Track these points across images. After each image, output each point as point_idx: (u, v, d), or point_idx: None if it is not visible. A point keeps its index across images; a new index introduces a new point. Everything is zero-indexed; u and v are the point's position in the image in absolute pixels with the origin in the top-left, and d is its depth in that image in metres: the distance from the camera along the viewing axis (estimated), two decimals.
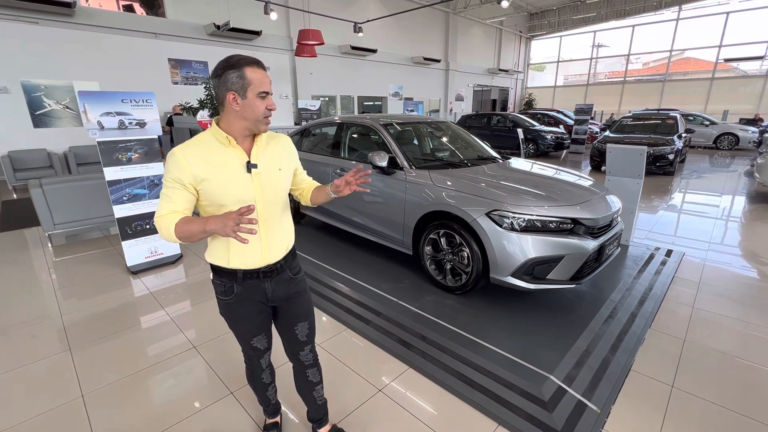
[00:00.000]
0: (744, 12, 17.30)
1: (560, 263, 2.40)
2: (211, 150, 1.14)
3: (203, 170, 1.11)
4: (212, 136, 1.16)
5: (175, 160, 1.11)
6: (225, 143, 1.15)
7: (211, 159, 1.13)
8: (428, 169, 3.03)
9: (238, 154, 1.16)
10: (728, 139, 12.59)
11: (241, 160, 1.16)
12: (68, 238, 4.42)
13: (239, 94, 1.10)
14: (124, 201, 3.38)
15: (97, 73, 8.34)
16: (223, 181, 1.13)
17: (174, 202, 1.12)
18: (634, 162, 3.53)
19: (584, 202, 2.58)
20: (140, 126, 3.36)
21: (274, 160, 1.25)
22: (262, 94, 1.11)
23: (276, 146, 1.28)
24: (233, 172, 1.14)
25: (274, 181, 1.24)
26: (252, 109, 1.11)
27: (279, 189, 1.26)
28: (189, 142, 1.16)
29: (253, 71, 1.10)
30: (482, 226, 2.49)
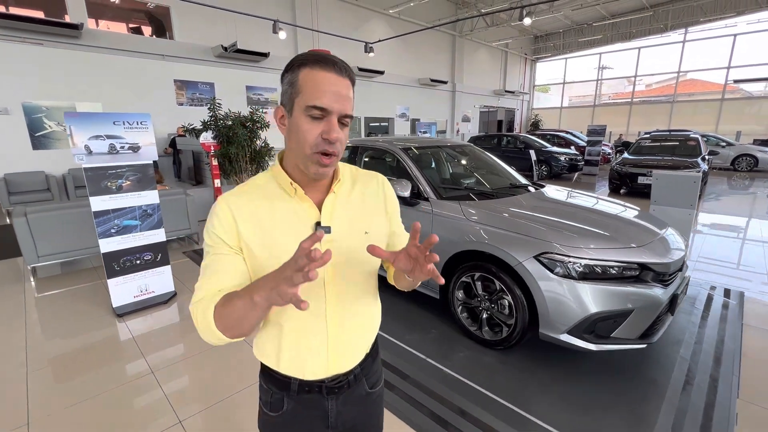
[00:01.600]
0: (752, 34, 17.23)
1: (628, 319, 1.97)
2: (268, 200, 0.78)
3: (251, 229, 0.76)
4: (272, 179, 0.81)
5: (217, 212, 0.76)
6: (289, 191, 0.78)
7: (264, 213, 0.77)
8: (457, 200, 2.64)
9: (304, 208, 0.78)
10: (747, 161, 12.19)
11: (308, 218, 0.78)
12: (55, 270, 4.03)
13: (286, 108, 0.74)
14: (112, 234, 3.01)
15: (101, 95, 8.17)
16: (276, 251, 0.75)
17: (218, 275, 0.74)
18: (685, 190, 3.13)
19: (650, 243, 2.16)
20: (133, 150, 3.02)
21: (359, 217, 0.84)
22: (313, 112, 0.70)
23: (364, 193, 0.87)
24: (293, 237, 0.75)
25: (356, 251, 0.81)
26: (297, 133, 0.72)
27: (363, 262, 0.84)
28: (242, 186, 0.81)
29: (310, 72, 0.70)
30: (530, 271, 2.07)
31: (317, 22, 11.66)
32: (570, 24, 20.35)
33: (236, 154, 5.51)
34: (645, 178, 7.75)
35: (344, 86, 0.71)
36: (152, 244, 3.20)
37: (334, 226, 0.78)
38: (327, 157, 0.71)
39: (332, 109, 0.70)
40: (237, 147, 5.47)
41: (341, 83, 0.71)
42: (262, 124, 5.85)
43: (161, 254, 3.26)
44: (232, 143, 5.47)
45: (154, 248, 3.21)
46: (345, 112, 0.71)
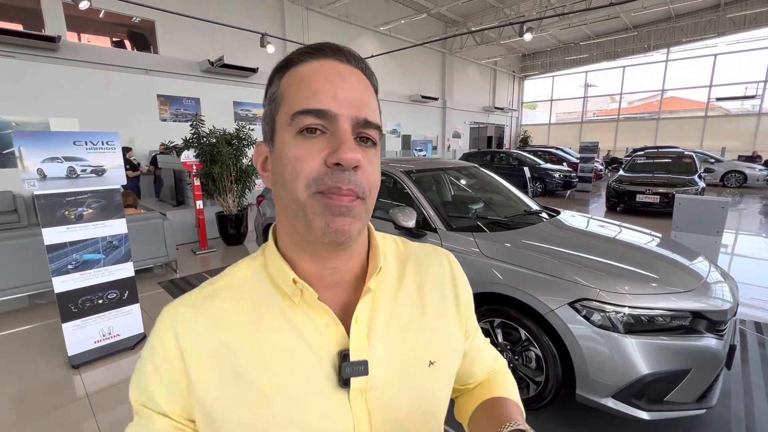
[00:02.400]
0: (732, 54, 17.77)
1: (686, 379, 1.64)
2: (251, 313, 0.44)
3: (215, 379, 0.42)
4: (261, 270, 0.48)
5: (154, 344, 0.44)
6: (290, 293, 0.44)
7: (244, 341, 0.43)
8: (470, 231, 2.32)
9: (317, 326, 0.44)
10: (736, 177, 12.29)
11: (326, 344, 0.44)
12: (4, 306, 3.54)
13: (266, 139, 0.46)
14: (69, 270, 2.59)
15: (79, 110, 7.74)
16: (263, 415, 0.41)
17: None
18: (711, 216, 2.88)
19: (701, 285, 1.86)
20: (97, 174, 2.64)
21: (418, 336, 0.49)
22: (303, 120, 0.39)
23: (422, 287, 0.52)
24: (302, 390, 0.42)
25: (415, 401, 0.47)
26: (283, 169, 0.41)
27: (427, 418, 0.49)
28: (210, 286, 0.47)
29: (296, 71, 0.42)
30: (564, 321, 1.74)
31: (307, 37, 11.50)
32: (557, 43, 20.77)
33: (220, 174, 5.14)
34: (644, 196, 7.61)
35: (354, 79, 0.42)
36: (118, 281, 2.79)
37: (374, 360, 0.44)
38: (341, 196, 0.39)
39: (336, 112, 0.39)
40: (221, 166, 5.10)
41: (349, 74, 0.41)
42: (249, 141, 5.51)
43: (129, 291, 2.84)
44: (216, 162, 5.10)
45: (120, 285, 2.80)
46: (362, 115, 0.40)
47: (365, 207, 0.42)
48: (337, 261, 0.45)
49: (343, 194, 0.39)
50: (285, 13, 11.23)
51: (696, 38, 17.19)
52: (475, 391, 0.61)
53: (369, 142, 0.42)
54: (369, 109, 0.41)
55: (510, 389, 0.61)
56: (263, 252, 0.49)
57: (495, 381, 0.62)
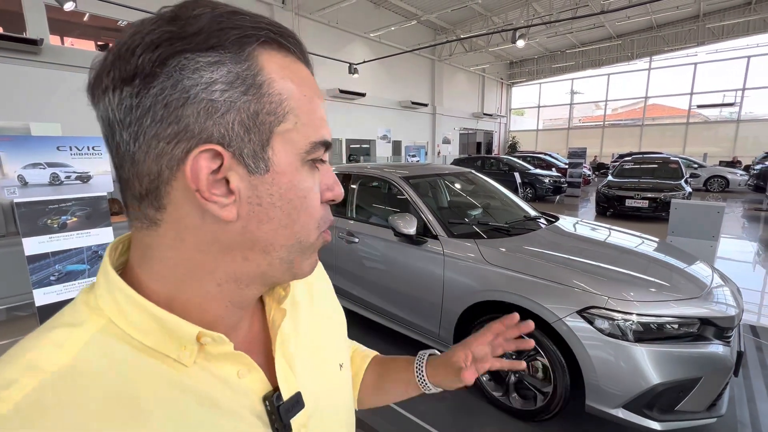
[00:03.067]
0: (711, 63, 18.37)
1: (696, 387, 1.61)
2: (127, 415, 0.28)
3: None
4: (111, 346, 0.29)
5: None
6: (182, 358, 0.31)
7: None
8: (472, 238, 2.27)
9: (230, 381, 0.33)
10: (718, 182, 12.61)
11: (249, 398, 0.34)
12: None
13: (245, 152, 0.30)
14: (52, 282, 2.46)
15: (62, 114, 7.50)
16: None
17: None
18: (707, 220, 2.90)
19: (708, 291, 1.85)
20: (83, 181, 2.53)
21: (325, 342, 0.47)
22: (319, 153, 0.34)
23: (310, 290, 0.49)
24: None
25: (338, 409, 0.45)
26: (290, 204, 0.32)
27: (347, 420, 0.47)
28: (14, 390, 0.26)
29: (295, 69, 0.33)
30: (572, 330, 1.70)
31: None
32: (543, 51, 21.16)
33: None
34: (633, 201, 7.72)
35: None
36: None
37: (304, 388, 0.39)
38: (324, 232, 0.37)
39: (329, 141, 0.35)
40: None
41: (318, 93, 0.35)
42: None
43: None
44: None
45: None
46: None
47: None
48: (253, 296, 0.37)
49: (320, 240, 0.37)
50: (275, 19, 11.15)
51: (677, 47, 17.71)
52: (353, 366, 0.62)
53: None
54: None
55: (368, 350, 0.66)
56: (99, 309, 0.31)
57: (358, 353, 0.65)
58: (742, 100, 17.91)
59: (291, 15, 11.47)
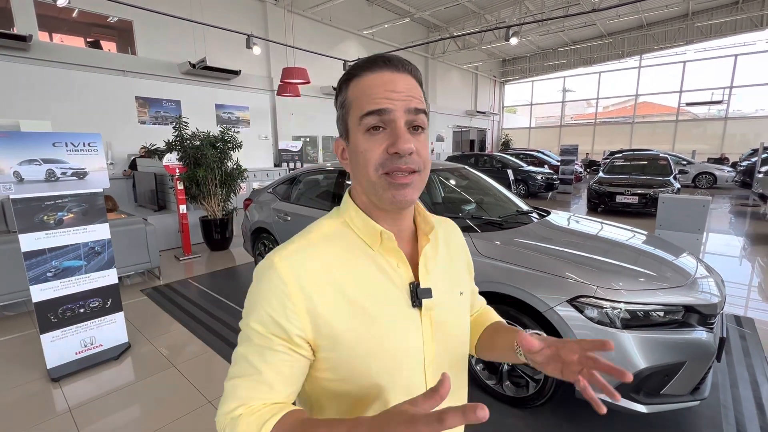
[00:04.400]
0: (699, 61, 18.65)
1: (681, 372, 1.69)
2: (346, 257, 0.58)
3: (333, 308, 0.55)
4: (345, 226, 0.61)
5: (277, 284, 0.54)
6: (372, 242, 0.59)
7: (347, 278, 0.57)
8: (466, 231, 2.32)
9: (392, 265, 0.59)
10: (706, 178, 12.84)
11: (400, 278, 0.59)
12: None
13: (343, 137, 0.60)
14: (49, 278, 2.46)
15: (51, 112, 7.43)
16: (373, 333, 0.56)
17: (269, 383, 0.53)
18: (693, 214, 2.99)
19: (692, 280, 1.92)
20: (79, 177, 2.53)
21: (453, 274, 0.68)
22: (369, 121, 0.54)
23: (449, 244, 0.72)
24: (391, 310, 0.58)
25: (457, 320, 0.67)
26: (357, 159, 0.57)
27: (463, 333, 0.68)
28: (303, 238, 0.60)
29: (358, 81, 0.56)
30: (563, 318, 1.76)
31: (291, 40, 11.42)
32: (536, 49, 21.32)
33: (204, 177, 5.01)
34: (623, 197, 7.85)
35: (403, 81, 0.55)
36: (101, 288, 2.67)
37: (433, 288, 0.61)
38: (402, 175, 0.54)
39: (392, 108, 0.53)
40: (206, 169, 4.98)
41: (398, 78, 0.55)
42: (234, 144, 5.40)
43: (112, 299, 2.72)
44: (201, 165, 4.98)
45: (103, 293, 2.68)
46: (411, 105, 0.54)
47: (421, 178, 0.56)
48: (401, 221, 0.61)
49: (404, 172, 0.53)
50: (268, 16, 11.13)
51: (666, 46, 17.96)
52: (476, 320, 0.82)
53: (419, 129, 0.56)
54: (416, 100, 0.55)
55: (497, 317, 0.85)
56: (341, 213, 0.62)
57: (487, 312, 0.86)
58: (729, 98, 18.22)
59: (283, 12, 11.43)
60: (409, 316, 0.58)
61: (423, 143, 0.56)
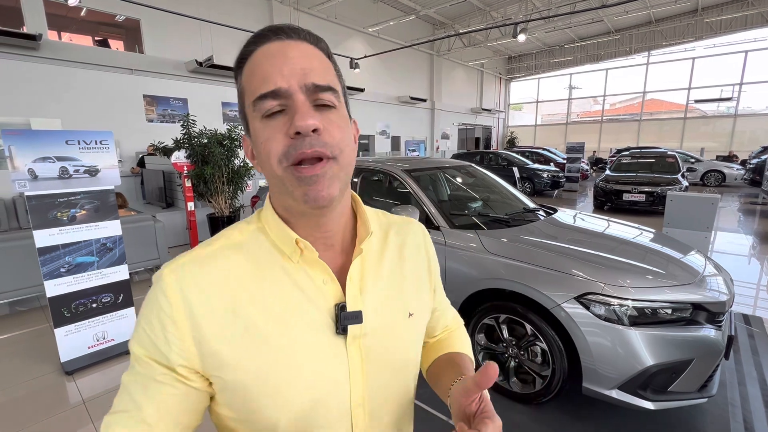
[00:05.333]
0: (709, 58, 18.40)
1: (688, 369, 1.69)
2: (254, 271, 0.48)
3: (227, 334, 0.45)
4: (259, 233, 0.51)
5: (161, 303, 0.44)
6: (290, 253, 0.48)
7: (249, 297, 0.46)
8: (473, 229, 2.34)
9: (316, 282, 0.49)
10: (715, 176, 12.70)
11: (323, 298, 0.49)
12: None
13: (246, 131, 0.49)
14: (62, 273, 2.51)
15: (61, 110, 7.52)
16: (279, 366, 0.45)
17: (144, 413, 0.43)
18: (702, 212, 2.97)
19: (701, 278, 1.92)
20: (91, 174, 2.57)
21: (399, 291, 0.56)
22: (263, 105, 0.43)
23: (402, 252, 0.59)
24: (305, 338, 0.47)
25: (398, 348, 0.54)
26: (259, 151, 0.46)
27: (407, 364, 0.56)
28: (207, 247, 0.49)
29: (251, 62, 0.45)
30: (570, 315, 1.77)
31: None
32: (542, 46, 21.15)
33: (212, 175, 5.06)
34: (630, 195, 7.80)
35: (296, 50, 0.44)
36: (112, 284, 2.72)
37: (366, 311, 0.50)
38: (308, 166, 0.43)
39: (284, 86, 0.42)
40: (213, 167, 5.03)
41: (290, 48, 0.44)
42: (241, 142, 5.43)
43: (123, 295, 2.77)
44: (208, 163, 5.02)
45: (114, 288, 2.73)
46: (309, 81, 0.43)
47: (339, 165, 0.45)
48: (330, 225, 0.50)
49: (311, 161, 0.43)
50: (273, 14, 11.15)
51: (675, 42, 17.74)
52: (436, 344, 0.69)
53: (328, 108, 0.45)
54: (316, 73, 0.44)
55: (464, 345, 0.69)
56: (259, 217, 0.52)
57: (452, 338, 0.70)
58: (739, 95, 17.97)
59: (289, 10, 11.45)
60: (331, 346, 0.47)
61: (335, 123, 0.45)
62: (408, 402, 0.58)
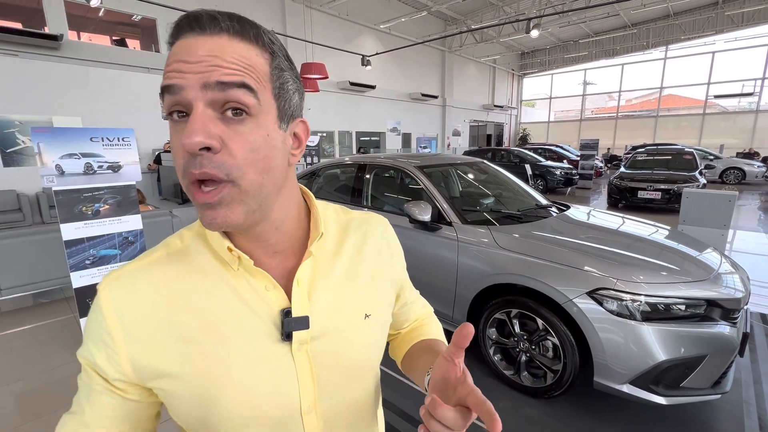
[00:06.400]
0: (729, 52, 17.87)
1: (701, 365, 1.69)
2: (193, 280, 0.46)
3: (159, 349, 0.44)
4: (199, 239, 0.49)
5: (97, 317, 0.44)
6: (232, 259, 0.46)
7: (186, 310, 0.45)
8: (485, 224, 2.36)
9: (257, 290, 0.46)
10: (734, 174, 12.38)
11: (266, 306, 0.46)
12: (24, 302, 3.56)
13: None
14: (87, 265, 2.62)
15: (81, 108, 7.74)
16: (219, 377, 0.44)
17: (87, 418, 0.44)
18: (718, 209, 2.93)
19: (715, 274, 1.91)
20: (114, 170, 2.66)
21: (355, 293, 0.53)
22: (166, 104, 0.39)
23: (361, 251, 0.55)
24: (244, 347, 0.45)
25: (353, 351, 0.51)
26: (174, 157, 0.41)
27: (364, 366, 0.53)
28: (145, 258, 0.48)
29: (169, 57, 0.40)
30: (582, 310, 1.78)
31: (310, 35, 11.51)
32: (555, 41, 20.82)
33: None
34: (645, 192, 7.67)
35: (208, 45, 0.38)
36: None
37: (314, 314, 0.47)
38: (201, 189, 0.39)
39: (181, 85, 0.37)
40: None
41: (202, 42, 0.38)
42: None
43: None
44: None
45: None
46: (211, 78, 0.36)
47: (240, 190, 0.39)
48: (264, 235, 0.46)
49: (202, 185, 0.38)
50: (286, 12, 11.24)
51: (694, 36, 17.27)
52: (408, 335, 0.68)
53: (241, 114, 0.38)
54: (225, 69, 0.37)
55: (438, 333, 0.69)
56: (200, 224, 0.48)
57: (424, 326, 0.69)
58: (761, 90, 17.42)
59: (302, 8, 11.51)
60: (275, 354, 0.45)
61: (242, 137, 0.38)
62: (369, 405, 0.55)
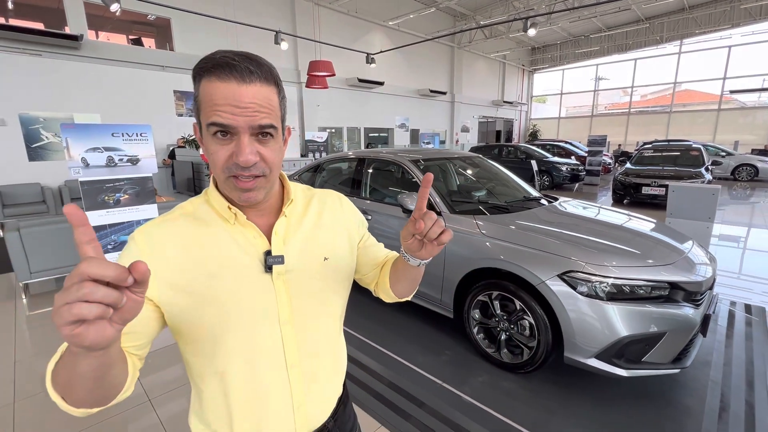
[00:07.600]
0: (746, 46, 17.47)
1: (660, 342, 1.84)
2: (201, 228, 0.65)
3: (176, 266, 0.61)
4: (205, 204, 0.68)
5: (131, 246, 0.63)
6: (227, 217, 0.65)
7: (196, 244, 0.64)
8: (472, 214, 2.53)
9: (248, 237, 0.66)
10: (747, 170, 12.18)
11: (254, 248, 0.66)
12: (50, 285, 3.87)
13: (197, 120, 0.63)
14: (109, 250, 2.87)
15: (100, 106, 8.09)
16: (211, 292, 0.62)
17: None
18: (703, 202, 3.04)
19: (679, 260, 2.05)
20: (132, 163, 2.91)
21: (317, 242, 0.72)
22: (214, 130, 0.57)
23: (321, 214, 0.75)
24: (239, 274, 0.64)
25: (316, 282, 0.71)
26: (207, 155, 0.61)
27: (325, 294, 0.73)
28: (166, 214, 0.67)
29: (208, 84, 0.57)
30: (553, 291, 1.95)
31: (318, 33, 11.70)
32: (567, 36, 20.60)
33: None
34: (649, 188, 7.69)
35: (250, 94, 0.56)
36: None
37: (287, 255, 0.67)
38: (245, 180, 0.59)
39: (235, 125, 0.56)
40: None
41: (245, 91, 0.56)
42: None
43: None
44: None
45: None
46: (256, 123, 0.57)
47: (267, 179, 0.62)
48: (258, 205, 0.67)
49: (248, 178, 0.59)
50: (296, 10, 11.44)
51: (710, 29, 16.92)
52: (386, 263, 0.86)
53: (268, 136, 0.60)
54: (263, 114, 0.57)
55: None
56: (206, 193, 0.69)
57: (394, 257, 0.87)
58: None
59: (311, 5, 11.70)
60: (261, 280, 0.64)
61: (271, 148, 0.60)
62: (333, 326, 0.76)
